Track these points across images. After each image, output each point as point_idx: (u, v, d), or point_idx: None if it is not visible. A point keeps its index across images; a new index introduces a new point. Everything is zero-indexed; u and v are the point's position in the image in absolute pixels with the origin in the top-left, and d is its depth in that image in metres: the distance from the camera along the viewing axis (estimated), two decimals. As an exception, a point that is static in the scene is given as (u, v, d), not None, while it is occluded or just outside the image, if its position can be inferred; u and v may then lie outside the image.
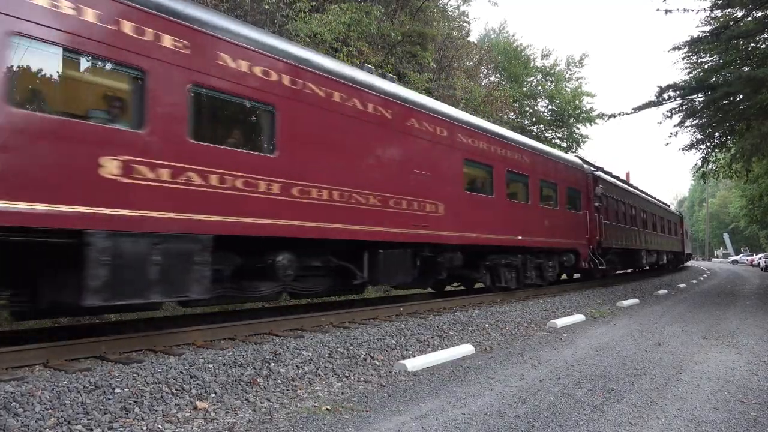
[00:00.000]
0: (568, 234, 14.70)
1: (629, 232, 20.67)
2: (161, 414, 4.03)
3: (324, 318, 8.07)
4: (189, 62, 5.80)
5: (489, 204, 11.36)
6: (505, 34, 38.67)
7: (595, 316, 10.71)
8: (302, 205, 6.94)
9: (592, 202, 16.41)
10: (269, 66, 6.66)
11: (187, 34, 5.79)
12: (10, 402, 3.79)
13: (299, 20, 14.91)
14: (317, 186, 7.16)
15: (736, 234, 75.56)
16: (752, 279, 27.47)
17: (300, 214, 6.91)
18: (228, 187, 6.07)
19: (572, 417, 4.16)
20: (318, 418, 4.12)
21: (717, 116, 17.84)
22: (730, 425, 4.01)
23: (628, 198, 21.40)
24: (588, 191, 16.46)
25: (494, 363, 6.20)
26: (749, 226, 51.09)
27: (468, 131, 10.68)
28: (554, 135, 37.29)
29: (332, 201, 7.38)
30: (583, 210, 15.96)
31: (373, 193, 8.11)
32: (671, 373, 5.69)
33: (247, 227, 6.24)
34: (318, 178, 7.18)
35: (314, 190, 7.11)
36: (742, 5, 14.82)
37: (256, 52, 6.51)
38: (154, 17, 5.51)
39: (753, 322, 9.77)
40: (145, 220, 5.32)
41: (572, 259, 15.07)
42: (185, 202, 5.66)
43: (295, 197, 6.86)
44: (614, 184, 19.82)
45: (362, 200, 7.89)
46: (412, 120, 9.07)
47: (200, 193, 5.80)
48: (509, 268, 12.63)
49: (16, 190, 4.51)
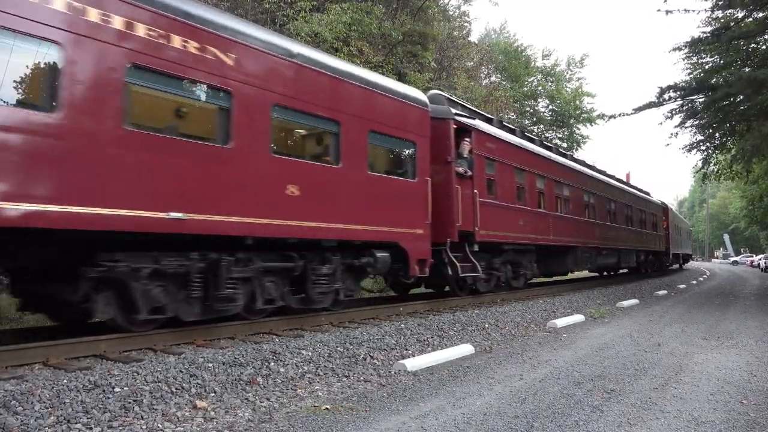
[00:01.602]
0: (373, 216, 8.25)
1: (549, 220, 14.21)
2: (161, 413, 4.03)
3: (324, 317, 8.07)
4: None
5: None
6: (505, 34, 38.74)
7: (595, 317, 10.71)
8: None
9: (453, 166, 10.22)
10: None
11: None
12: (9, 400, 3.78)
13: (300, 20, 14.92)
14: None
15: (737, 235, 75.52)
16: (752, 280, 27.46)
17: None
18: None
19: (572, 417, 4.16)
20: (317, 418, 4.12)
21: (717, 117, 17.84)
22: (730, 426, 4.01)
23: (553, 171, 14.96)
24: (444, 147, 10.12)
25: (494, 363, 6.20)
26: (749, 227, 51.08)
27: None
28: (555, 135, 37.31)
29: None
30: (421, 176, 9.27)
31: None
32: (671, 374, 5.69)
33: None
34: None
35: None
36: (743, 6, 14.81)
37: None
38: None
39: (753, 323, 9.77)
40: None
41: (383, 262, 8.50)
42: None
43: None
44: (514, 144, 12.87)
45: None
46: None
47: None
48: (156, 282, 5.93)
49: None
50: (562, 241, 14.91)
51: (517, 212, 12.60)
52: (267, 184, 6.73)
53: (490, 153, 11.66)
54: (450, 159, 10.20)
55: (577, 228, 16.16)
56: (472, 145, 10.87)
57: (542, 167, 14.34)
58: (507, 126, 13.97)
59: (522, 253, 13.18)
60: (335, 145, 7.83)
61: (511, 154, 12.62)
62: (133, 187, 5.38)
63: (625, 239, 20.93)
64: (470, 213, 10.59)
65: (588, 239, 16.98)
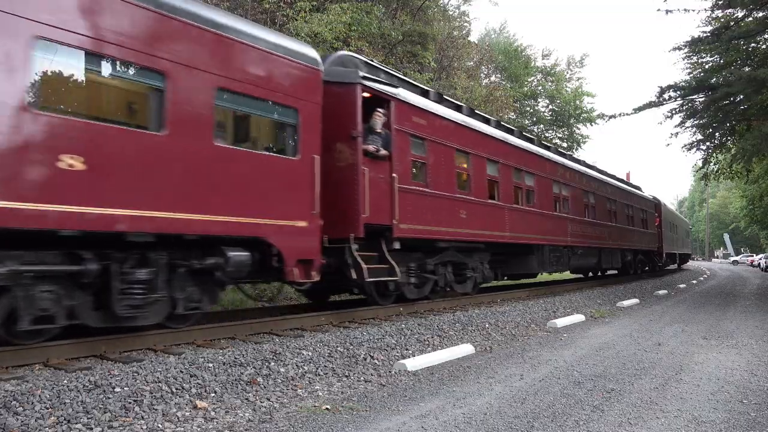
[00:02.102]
0: (222, 202, 6.19)
1: (505, 213, 12.04)
2: (161, 413, 4.03)
3: (324, 318, 8.07)
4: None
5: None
6: (505, 34, 38.70)
7: (595, 316, 10.71)
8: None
9: (359, 143, 8.08)
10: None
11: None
12: (10, 401, 3.79)
13: (300, 20, 14.91)
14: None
15: (737, 234, 75.52)
16: (752, 279, 27.46)
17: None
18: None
19: (572, 417, 4.16)
20: (318, 418, 4.12)
21: (717, 117, 17.85)
22: (730, 425, 4.01)
23: (511, 156, 12.64)
24: (347, 119, 8.12)
25: (494, 363, 6.21)
26: (749, 226, 51.06)
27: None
28: (555, 135, 37.33)
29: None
30: (305, 153, 7.17)
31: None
32: (671, 373, 5.69)
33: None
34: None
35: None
36: (743, 5, 14.81)
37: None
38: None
39: (753, 323, 9.77)
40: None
41: (239, 264, 6.34)
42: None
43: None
44: (455, 122, 10.60)
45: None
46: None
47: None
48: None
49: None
50: (522, 238, 12.69)
51: (458, 203, 10.37)
52: (25, 153, 4.69)
53: (420, 130, 9.46)
54: (356, 134, 8.06)
55: (543, 223, 13.93)
56: (393, 119, 8.75)
57: (497, 151, 12.03)
58: (450, 101, 11.48)
59: (468, 252, 11.16)
60: (157, 104, 5.70)
61: (451, 133, 10.40)
62: None
63: (606, 237, 18.75)
64: (385, 202, 8.47)
65: (558, 236, 14.77)
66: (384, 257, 8.55)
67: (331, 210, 7.64)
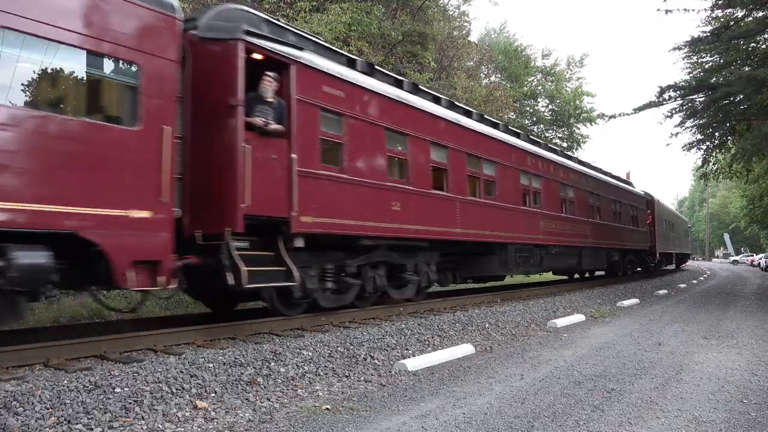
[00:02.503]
0: (15, 185, 4.55)
1: (456, 207, 10.37)
2: (161, 413, 4.03)
3: (324, 318, 8.07)
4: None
5: None
6: (505, 34, 38.75)
7: (596, 316, 10.71)
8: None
9: (239, 114, 6.42)
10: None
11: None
12: (10, 401, 3.79)
13: (300, 20, 14.92)
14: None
15: (737, 234, 75.52)
16: (753, 279, 27.46)
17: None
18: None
19: (572, 417, 4.16)
20: (318, 418, 4.12)
21: (717, 116, 17.85)
22: (730, 425, 4.01)
23: (466, 141, 10.93)
24: (224, 83, 6.53)
25: (494, 363, 6.21)
26: (750, 226, 51.06)
27: None
28: (554, 135, 37.35)
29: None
30: (150, 122, 5.52)
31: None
32: (671, 373, 5.69)
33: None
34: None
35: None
36: (743, 5, 14.82)
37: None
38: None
39: (753, 323, 9.77)
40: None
41: (24, 269, 4.56)
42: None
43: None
44: (386, 97, 8.91)
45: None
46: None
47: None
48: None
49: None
50: (479, 235, 10.99)
51: (389, 193, 8.71)
52: None
53: (335, 103, 7.81)
54: (234, 102, 6.42)
55: (507, 219, 12.14)
56: (293, 87, 7.13)
57: (446, 135, 10.30)
58: (388, 74, 9.78)
59: (408, 251, 9.56)
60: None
61: (381, 110, 8.70)
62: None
63: (588, 235, 16.92)
64: (280, 189, 6.91)
65: (526, 234, 12.96)
66: (280, 257, 7.01)
67: (207, 199, 6.37)
